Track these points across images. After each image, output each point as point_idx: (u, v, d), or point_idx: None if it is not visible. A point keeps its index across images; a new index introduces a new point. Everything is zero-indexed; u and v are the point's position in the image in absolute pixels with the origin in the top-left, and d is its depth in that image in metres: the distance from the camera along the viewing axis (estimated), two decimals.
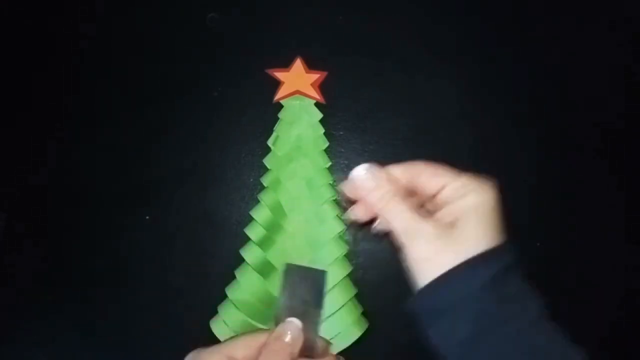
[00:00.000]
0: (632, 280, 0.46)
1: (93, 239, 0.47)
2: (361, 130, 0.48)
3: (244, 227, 0.45)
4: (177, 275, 0.46)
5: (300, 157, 0.46)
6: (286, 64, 0.48)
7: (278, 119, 0.47)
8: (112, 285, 0.46)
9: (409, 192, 0.29)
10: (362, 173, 0.29)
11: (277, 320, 0.30)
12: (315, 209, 0.45)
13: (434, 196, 0.28)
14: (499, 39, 0.50)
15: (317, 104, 0.47)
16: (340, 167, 0.48)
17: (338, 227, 0.45)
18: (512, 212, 0.48)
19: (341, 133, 0.48)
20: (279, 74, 0.47)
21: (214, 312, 0.44)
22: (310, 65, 0.48)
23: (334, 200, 0.46)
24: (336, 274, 0.43)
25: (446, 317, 0.25)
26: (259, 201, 0.45)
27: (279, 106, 0.48)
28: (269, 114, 0.48)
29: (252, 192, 0.47)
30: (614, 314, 0.46)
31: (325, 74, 0.48)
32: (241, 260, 0.44)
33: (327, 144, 0.47)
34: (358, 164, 0.47)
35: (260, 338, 0.29)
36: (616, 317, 0.46)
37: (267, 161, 0.46)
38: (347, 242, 0.46)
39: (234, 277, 0.44)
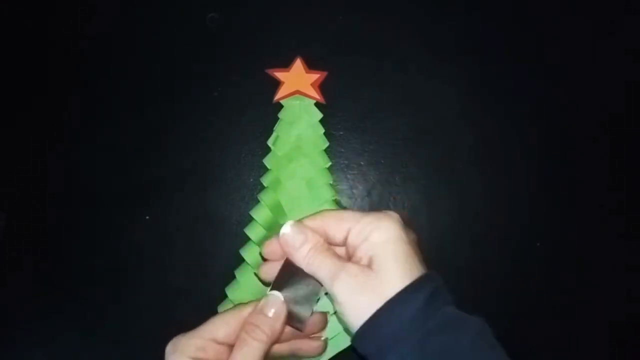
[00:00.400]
0: (632, 280, 0.46)
1: (93, 239, 0.47)
2: (361, 130, 0.48)
3: (244, 227, 0.45)
4: (177, 275, 0.46)
5: (300, 157, 0.46)
6: (286, 64, 0.48)
7: (278, 119, 0.47)
8: (112, 285, 0.46)
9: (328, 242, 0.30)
10: (288, 230, 0.29)
11: (272, 286, 0.29)
12: (315, 209, 0.45)
13: (344, 242, 0.29)
14: (499, 39, 0.50)
15: (317, 104, 0.47)
16: (340, 167, 0.48)
17: None
18: (512, 212, 0.48)
19: (341, 133, 0.48)
20: (279, 74, 0.47)
21: (214, 312, 0.44)
22: (310, 65, 0.48)
23: (334, 200, 0.46)
24: None
25: (393, 353, 0.24)
26: (259, 201, 0.45)
27: (279, 106, 0.48)
28: (268, 114, 0.48)
29: (252, 192, 0.47)
30: (614, 314, 0.46)
31: (325, 74, 0.48)
32: (241, 260, 0.44)
33: (327, 144, 0.47)
34: (358, 164, 0.48)
35: (241, 313, 0.29)
36: (616, 317, 0.46)
37: (267, 161, 0.46)
38: None
39: (234, 277, 0.44)
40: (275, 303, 0.28)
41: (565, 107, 0.49)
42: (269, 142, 0.47)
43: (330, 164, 0.47)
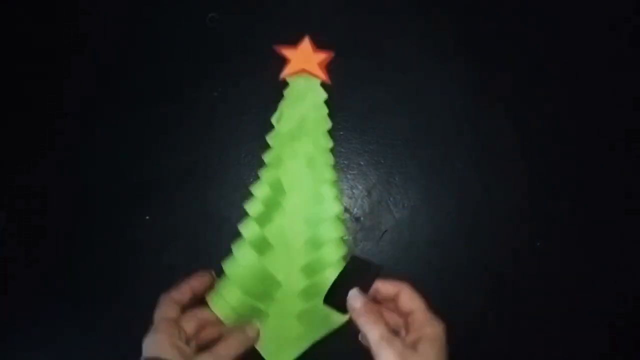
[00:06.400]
0: (632, 281, 0.46)
1: (93, 239, 0.47)
2: (361, 130, 0.48)
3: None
4: (177, 275, 0.46)
5: (302, 136, 0.46)
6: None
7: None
8: (112, 285, 0.46)
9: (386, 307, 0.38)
10: (353, 295, 0.37)
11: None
12: (315, 188, 0.45)
13: (406, 314, 0.37)
14: (499, 39, 0.50)
15: (323, 85, 0.47)
16: (340, 167, 0.48)
17: (336, 208, 0.45)
18: (512, 212, 0.48)
19: (341, 133, 0.48)
20: (287, 51, 0.47)
21: None
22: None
23: (334, 181, 0.46)
24: (331, 254, 0.43)
25: None
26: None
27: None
28: (269, 112, 0.48)
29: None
30: (614, 314, 0.46)
31: (332, 54, 0.47)
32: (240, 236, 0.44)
33: (330, 124, 0.47)
34: (358, 164, 0.48)
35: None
36: (616, 317, 0.46)
37: (270, 138, 0.46)
38: (344, 224, 0.46)
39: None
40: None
41: (565, 107, 0.49)
42: (273, 119, 0.47)
43: (332, 144, 0.46)
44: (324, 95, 0.47)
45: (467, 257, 0.47)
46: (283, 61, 0.48)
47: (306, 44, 0.47)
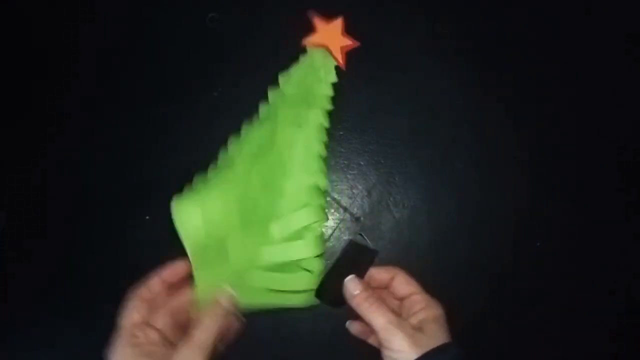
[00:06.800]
0: (632, 280, 0.46)
1: (93, 239, 0.47)
2: (361, 130, 0.48)
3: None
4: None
5: (303, 104, 0.45)
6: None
7: None
8: (112, 285, 0.46)
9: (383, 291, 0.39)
10: (350, 282, 0.37)
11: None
12: (303, 155, 0.44)
13: (401, 298, 0.38)
14: (499, 39, 0.50)
15: (337, 69, 0.47)
16: (340, 167, 0.48)
17: (321, 181, 0.44)
18: (512, 212, 0.48)
19: (341, 133, 0.48)
20: (319, 22, 0.47)
21: None
22: None
23: (324, 158, 0.45)
24: (302, 219, 0.41)
25: None
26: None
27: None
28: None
29: None
30: (615, 314, 0.46)
31: (357, 44, 0.47)
32: None
33: (332, 107, 0.46)
34: (358, 164, 0.48)
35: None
36: (616, 317, 0.46)
37: (271, 94, 0.46)
38: (324, 195, 0.45)
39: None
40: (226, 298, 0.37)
41: (565, 107, 0.49)
42: (280, 78, 0.46)
43: (329, 126, 0.46)
44: (334, 77, 0.47)
45: (467, 257, 0.47)
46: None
47: (338, 23, 0.47)
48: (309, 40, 0.47)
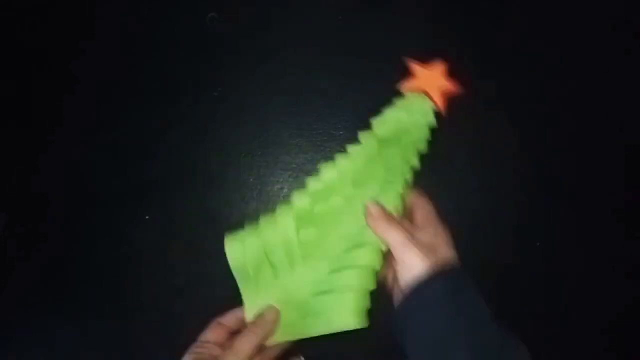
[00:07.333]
0: (632, 280, 0.46)
1: (93, 238, 0.47)
2: (361, 130, 0.48)
3: (244, 227, 0.45)
4: (177, 275, 0.46)
5: (394, 146, 0.43)
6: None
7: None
8: (112, 285, 0.46)
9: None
10: (371, 205, 0.39)
11: None
12: (381, 195, 0.41)
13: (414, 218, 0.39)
14: (499, 39, 0.50)
15: (436, 114, 0.44)
16: None
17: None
18: (511, 212, 0.48)
19: (341, 133, 0.48)
20: (416, 67, 0.45)
21: (214, 312, 0.44)
22: None
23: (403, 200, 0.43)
24: (364, 258, 0.39)
25: (426, 310, 0.34)
26: (258, 201, 0.45)
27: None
28: (269, 112, 0.48)
29: (252, 192, 0.47)
30: (614, 314, 0.46)
31: (460, 90, 0.45)
32: None
33: (427, 151, 0.44)
34: None
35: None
36: (616, 317, 0.46)
37: (362, 135, 0.44)
38: None
39: (233, 277, 0.44)
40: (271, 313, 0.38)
41: (565, 107, 0.49)
42: (373, 121, 0.44)
43: (419, 168, 0.43)
44: (433, 122, 0.44)
45: (466, 257, 0.47)
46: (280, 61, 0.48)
47: (440, 66, 0.45)
48: (406, 86, 0.45)
